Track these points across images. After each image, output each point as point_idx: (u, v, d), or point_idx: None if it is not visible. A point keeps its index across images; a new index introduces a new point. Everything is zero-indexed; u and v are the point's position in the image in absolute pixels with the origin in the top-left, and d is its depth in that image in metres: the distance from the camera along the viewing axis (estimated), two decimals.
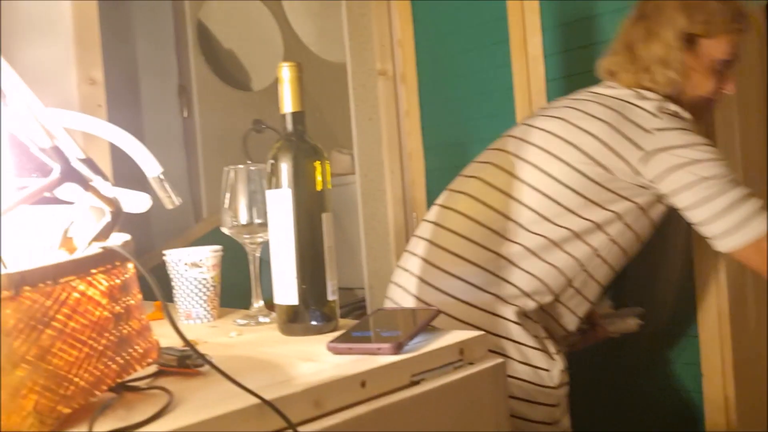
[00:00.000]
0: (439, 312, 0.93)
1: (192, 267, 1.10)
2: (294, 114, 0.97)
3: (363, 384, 0.72)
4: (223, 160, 3.14)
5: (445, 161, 2.27)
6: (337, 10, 2.52)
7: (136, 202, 1.07)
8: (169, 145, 2.97)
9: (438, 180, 2.30)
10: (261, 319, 1.07)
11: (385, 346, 0.78)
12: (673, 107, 1.35)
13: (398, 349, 0.79)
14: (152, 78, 2.97)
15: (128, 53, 2.91)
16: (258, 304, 1.09)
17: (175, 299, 1.13)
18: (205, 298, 1.11)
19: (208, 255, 1.11)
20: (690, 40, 1.38)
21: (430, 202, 2.30)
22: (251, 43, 3.37)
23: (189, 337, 0.97)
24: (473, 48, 2.16)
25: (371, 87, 2.39)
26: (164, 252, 1.12)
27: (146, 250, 2.56)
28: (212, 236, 2.61)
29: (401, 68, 2.36)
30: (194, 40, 3.09)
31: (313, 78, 3.29)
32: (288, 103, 0.97)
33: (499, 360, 0.86)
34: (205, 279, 1.11)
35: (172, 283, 1.12)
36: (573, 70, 1.92)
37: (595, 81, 1.78)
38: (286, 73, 0.96)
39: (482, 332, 0.88)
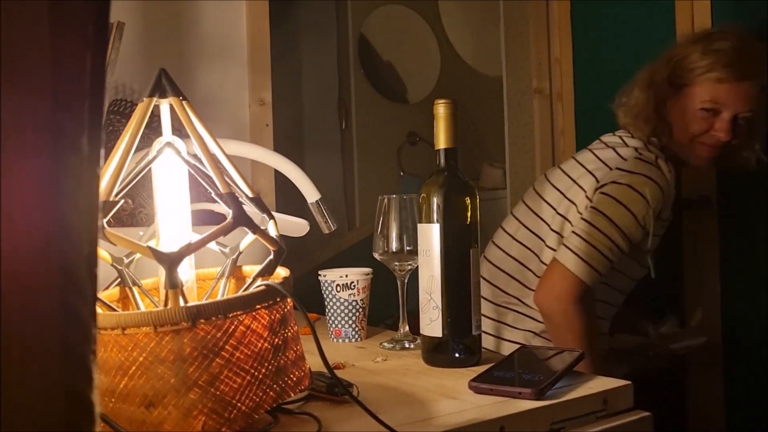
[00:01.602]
0: (583, 355, 0.92)
1: (343, 289, 1.16)
2: (447, 150, 0.99)
3: (501, 429, 0.74)
4: (378, 171, 3.24)
5: None
6: (495, 23, 2.53)
7: (295, 227, 1.15)
8: (328, 155, 3.11)
9: None
10: (406, 344, 1.11)
11: (527, 390, 0.79)
12: (652, 154, 1.43)
13: (540, 395, 0.79)
14: (314, 91, 3.12)
15: (293, 68, 3.08)
16: (404, 329, 1.13)
17: (327, 317, 1.19)
18: (354, 318, 1.17)
19: (359, 278, 1.16)
20: (674, 87, 1.47)
21: None
22: (409, 56, 3.45)
23: (338, 357, 1.03)
24: (633, 67, 2.08)
25: (526, 105, 2.37)
26: (320, 273, 1.19)
27: (302, 254, 2.69)
28: (363, 245, 2.70)
29: (558, 86, 2.32)
30: (355, 53, 3.21)
31: (468, 91, 3.31)
32: (442, 140, 0.99)
33: (645, 414, 0.84)
34: (355, 301, 1.16)
35: (325, 302, 1.19)
36: None
37: None
38: (440, 110, 0.99)
39: (628, 382, 0.86)
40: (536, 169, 2.35)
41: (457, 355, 0.97)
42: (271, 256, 0.71)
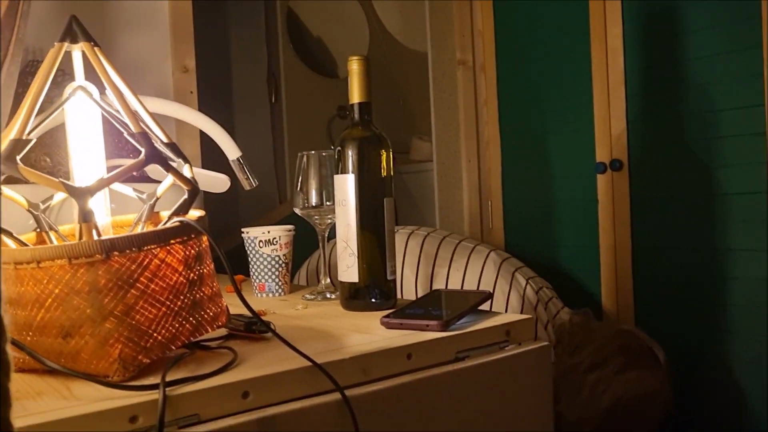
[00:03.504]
0: (491, 295, 0.98)
1: (266, 244, 1.19)
2: (361, 104, 1.03)
3: (409, 356, 0.79)
4: (308, 145, 3.26)
5: (522, 150, 2.30)
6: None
7: (216, 183, 1.18)
8: (257, 129, 3.11)
9: (514, 169, 2.33)
10: (327, 295, 1.15)
11: (434, 323, 0.84)
12: None
13: (445, 326, 0.84)
14: (243, 65, 3.11)
15: (221, 42, 3.06)
16: (325, 281, 1.17)
17: (251, 273, 1.22)
18: (277, 273, 1.20)
19: (281, 234, 1.20)
20: None
21: (505, 190, 2.33)
22: (339, 32, 3.47)
23: (260, 308, 1.07)
24: (552, 39, 2.16)
25: (451, 76, 2.43)
26: (242, 230, 1.22)
27: (234, 230, 2.70)
28: (295, 217, 2.73)
29: (481, 58, 2.39)
30: (284, 28, 3.21)
31: (396, 65, 3.36)
32: (356, 94, 1.03)
33: (545, 343, 0.91)
34: (277, 256, 1.20)
35: (249, 259, 1.22)
36: (653, 61, 1.90)
37: (674, 72, 1.78)
38: (354, 66, 1.03)
39: (530, 316, 0.93)
40: (461, 139, 2.42)
41: (373, 299, 1.01)
42: (186, 196, 0.73)
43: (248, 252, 1.22)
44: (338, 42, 3.44)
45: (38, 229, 0.79)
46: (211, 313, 0.75)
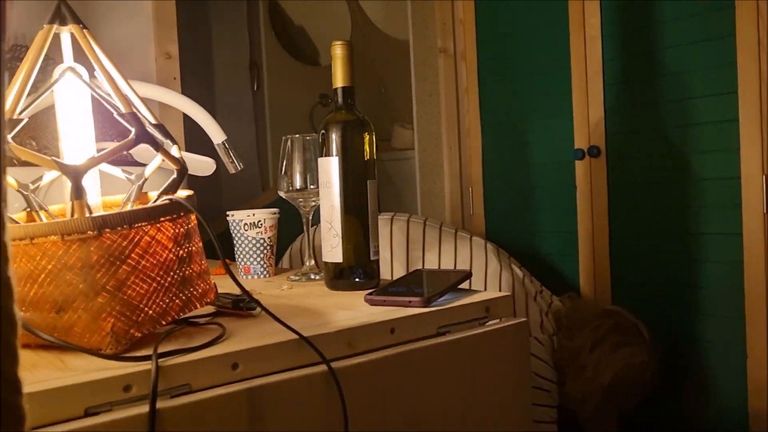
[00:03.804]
0: (470, 274, 1.01)
1: (250, 227, 1.21)
2: (344, 88, 1.06)
3: (392, 330, 0.82)
4: (290, 132, 3.27)
5: (502, 138, 2.33)
6: None
7: (202, 166, 1.19)
8: (240, 117, 3.11)
9: (494, 156, 2.36)
10: (312, 276, 1.17)
11: (416, 299, 0.87)
12: None
13: (427, 302, 0.87)
14: (225, 53, 3.11)
15: (203, 30, 3.06)
16: (310, 263, 1.20)
17: (236, 256, 1.24)
18: (262, 255, 1.23)
19: (266, 217, 1.22)
20: None
21: (486, 178, 2.37)
22: (321, 20, 3.48)
23: (247, 288, 1.09)
24: (532, 27, 2.19)
25: (432, 64, 2.45)
26: (227, 213, 1.24)
27: (217, 217, 2.71)
28: (277, 204, 2.74)
29: (462, 46, 2.41)
30: (266, 16, 3.21)
31: (378, 54, 3.37)
32: (339, 78, 1.05)
33: (523, 319, 0.94)
34: (262, 239, 1.22)
35: (234, 242, 1.24)
36: (630, 50, 1.94)
37: (651, 61, 1.82)
38: (338, 50, 1.05)
39: (508, 294, 0.96)
40: (442, 126, 2.44)
41: (357, 279, 1.04)
42: (175, 175, 0.75)
43: (233, 235, 1.24)
44: (320, 30, 3.44)
45: (28, 209, 0.80)
46: (200, 290, 0.77)
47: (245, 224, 1.21)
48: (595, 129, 2.03)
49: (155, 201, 0.74)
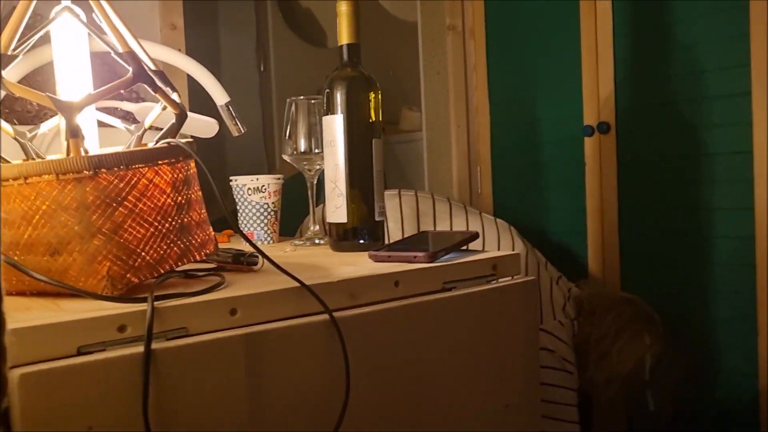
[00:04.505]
0: (477, 234, 0.99)
1: (254, 192, 1.19)
2: (349, 45, 1.03)
3: (396, 283, 0.80)
4: None
5: (511, 116, 2.30)
6: None
7: (204, 127, 1.17)
8: (246, 98, 3.09)
9: (502, 134, 2.33)
10: (316, 241, 1.15)
11: (421, 254, 0.85)
12: None
13: (432, 258, 0.85)
14: (231, 33, 3.09)
15: (209, 9, 3.03)
16: (314, 228, 1.18)
17: (239, 221, 1.22)
18: (266, 221, 1.21)
19: (270, 181, 1.20)
20: None
21: (494, 157, 2.34)
22: (328, 2, 3.45)
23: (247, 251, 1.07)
24: (541, 2, 2.16)
25: (440, 41, 2.42)
26: (231, 178, 1.22)
27: (225, 194, 2.68)
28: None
29: (470, 23, 2.38)
30: None
31: (386, 36, 3.34)
32: (345, 35, 1.03)
33: (531, 278, 0.92)
34: (266, 203, 1.20)
35: (237, 207, 1.22)
36: (641, 23, 1.91)
37: (661, 35, 1.78)
38: (343, 7, 1.03)
39: (517, 252, 0.94)
40: (450, 105, 2.42)
41: (361, 240, 1.02)
42: (174, 120, 0.73)
43: (236, 200, 1.22)
44: (328, 12, 3.41)
45: (25, 159, 0.79)
46: (198, 240, 0.75)
47: (249, 189, 1.20)
48: (604, 105, 1.99)
49: (155, 144, 0.72)
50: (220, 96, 1.17)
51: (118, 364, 0.58)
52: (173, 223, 0.71)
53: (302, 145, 1.16)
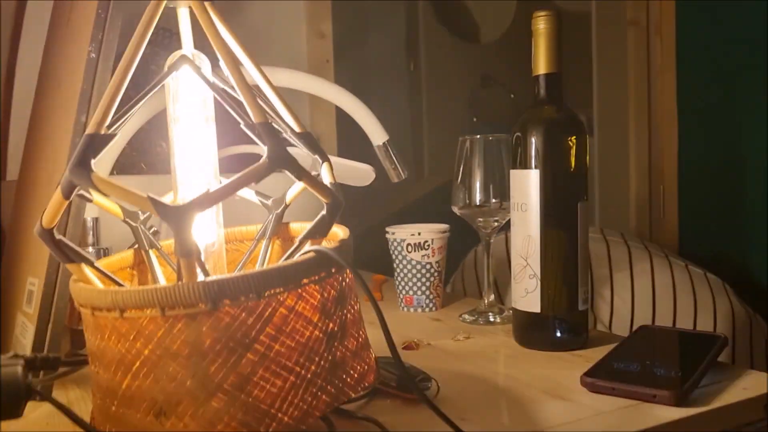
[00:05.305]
0: (726, 341, 0.71)
1: (415, 249, 0.98)
2: (548, 76, 0.78)
3: None
4: (449, 116, 3.01)
5: (705, 128, 1.95)
6: None
7: (359, 175, 0.97)
8: (395, 99, 2.89)
9: (694, 149, 1.98)
10: (491, 318, 0.92)
11: (664, 393, 0.59)
12: None
13: (682, 398, 0.59)
14: (380, 31, 2.89)
15: (356, 5, 2.85)
16: (489, 298, 0.94)
17: (396, 282, 1.01)
18: (428, 284, 0.99)
19: (434, 236, 0.98)
20: None
21: (682, 174, 2.00)
22: None
23: (409, 332, 0.85)
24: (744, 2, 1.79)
25: (619, 38, 2.11)
26: (387, 229, 1.01)
27: (361, 209, 2.51)
28: (432, 197, 2.51)
29: (656, 17, 2.05)
30: None
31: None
32: (541, 63, 0.78)
33: None
34: (429, 263, 0.98)
35: (394, 264, 1.01)
36: None
37: None
38: (540, 24, 0.78)
39: None
40: (629, 111, 2.09)
41: (558, 334, 0.77)
42: (324, 212, 0.52)
43: (393, 257, 1.01)
44: (481, 5, 3.14)
45: (136, 246, 0.61)
46: (355, 375, 0.54)
47: (408, 245, 0.98)
48: None
49: (294, 251, 0.51)
50: (377, 134, 0.96)
51: None
52: (322, 363, 0.50)
53: (478, 197, 0.92)
